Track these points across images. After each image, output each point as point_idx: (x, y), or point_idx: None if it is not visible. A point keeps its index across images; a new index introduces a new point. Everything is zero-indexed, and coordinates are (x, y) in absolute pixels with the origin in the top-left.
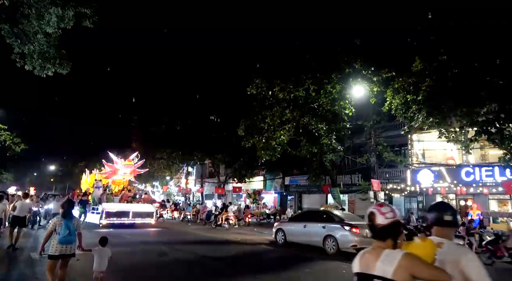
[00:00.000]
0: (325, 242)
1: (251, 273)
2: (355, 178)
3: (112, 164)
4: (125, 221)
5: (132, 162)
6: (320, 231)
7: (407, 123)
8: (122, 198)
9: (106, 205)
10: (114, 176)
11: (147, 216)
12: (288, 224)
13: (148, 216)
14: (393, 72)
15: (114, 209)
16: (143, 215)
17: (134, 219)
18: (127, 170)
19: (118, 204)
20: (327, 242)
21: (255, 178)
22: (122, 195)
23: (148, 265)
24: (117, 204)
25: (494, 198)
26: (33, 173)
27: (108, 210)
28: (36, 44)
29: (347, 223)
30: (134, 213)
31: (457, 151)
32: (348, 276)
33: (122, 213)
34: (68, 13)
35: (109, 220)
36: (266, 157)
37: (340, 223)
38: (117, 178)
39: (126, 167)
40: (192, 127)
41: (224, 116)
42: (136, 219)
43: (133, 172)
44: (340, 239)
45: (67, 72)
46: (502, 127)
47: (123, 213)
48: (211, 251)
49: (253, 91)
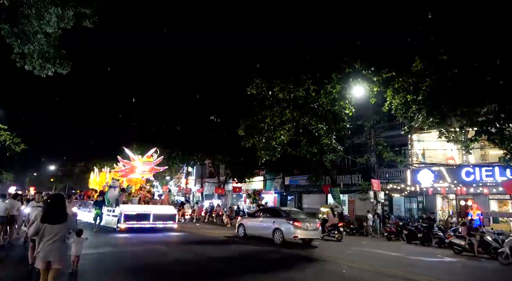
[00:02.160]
0: (274, 234)
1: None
2: (355, 178)
3: (129, 161)
4: (145, 225)
5: (151, 159)
6: (271, 225)
7: (407, 123)
8: (140, 199)
9: (125, 207)
10: (131, 174)
11: (169, 218)
12: (247, 220)
13: (170, 219)
14: (393, 72)
15: (134, 212)
16: (165, 217)
17: (155, 222)
18: (145, 168)
19: (137, 205)
20: (275, 234)
21: (255, 178)
22: (140, 196)
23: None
24: (136, 205)
25: (494, 198)
26: (33, 173)
27: (127, 212)
28: (36, 44)
29: (291, 218)
30: (155, 215)
31: (457, 151)
32: (349, 276)
33: (142, 216)
34: (68, 13)
35: (128, 223)
36: (266, 157)
37: (286, 218)
38: (135, 176)
39: (144, 164)
40: (192, 127)
41: (224, 116)
42: (157, 223)
43: (152, 170)
44: (285, 232)
45: (67, 72)
46: (502, 127)
47: (143, 216)
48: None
49: (253, 91)
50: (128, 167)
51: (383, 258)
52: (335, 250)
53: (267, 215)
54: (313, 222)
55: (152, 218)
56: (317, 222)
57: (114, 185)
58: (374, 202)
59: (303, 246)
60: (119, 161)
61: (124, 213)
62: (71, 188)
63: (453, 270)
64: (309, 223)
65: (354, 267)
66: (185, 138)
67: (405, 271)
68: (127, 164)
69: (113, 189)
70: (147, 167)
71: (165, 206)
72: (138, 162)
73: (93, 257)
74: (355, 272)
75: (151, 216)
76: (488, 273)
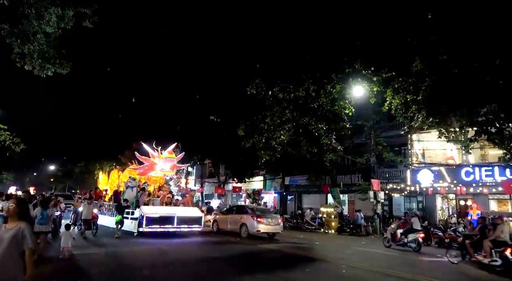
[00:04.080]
0: (241, 229)
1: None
2: (355, 178)
3: (148, 157)
4: (169, 229)
5: (173, 155)
6: (238, 221)
7: (407, 123)
8: (161, 200)
9: (146, 209)
10: (150, 172)
11: (195, 222)
12: (220, 217)
13: (196, 222)
14: (393, 72)
15: (157, 214)
16: (190, 221)
17: (180, 226)
18: (166, 165)
19: (160, 207)
20: (242, 229)
21: (255, 178)
22: (161, 197)
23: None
24: (158, 207)
25: (494, 198)
26: (32, 173)
27: (149, 215)
28: (36, 44)
29: (255, 215)
30: (180, 218)
31: (457, 151)
32: (348, 274)
33: (166, 218)
34: (68, 13)
35: (150, 227)
36: (266, 157)
37: (251, 215)
38: (156, 174)
39: (166, 161)
40: (192, 127)
41: (224, 116)
42: (182, 226)
43: (174, 167)
44: (249, 226)
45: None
46: (502, 127)
47: (166, 219)
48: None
49: (253, 91)
50: (147, 164)
51: (383, 258)
52: (334, 250)
53: (236, 212)
54: (275, 218)
55: (176, 221)
56: (279, 218)
57: (131, 184)
58: (374, 202)
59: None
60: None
61: (146, 215)
62: (71, 188)
63: (452, 270)
64: (271, 219)
65: (354, 267)
66: (185, 138)
67: (404, 271)
68: (145, 161)
69: (131, 189)
70: (169, 164)
71: (189, 207)
72: (158, 158)
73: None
74: (355, 272)
75: (175, 219)
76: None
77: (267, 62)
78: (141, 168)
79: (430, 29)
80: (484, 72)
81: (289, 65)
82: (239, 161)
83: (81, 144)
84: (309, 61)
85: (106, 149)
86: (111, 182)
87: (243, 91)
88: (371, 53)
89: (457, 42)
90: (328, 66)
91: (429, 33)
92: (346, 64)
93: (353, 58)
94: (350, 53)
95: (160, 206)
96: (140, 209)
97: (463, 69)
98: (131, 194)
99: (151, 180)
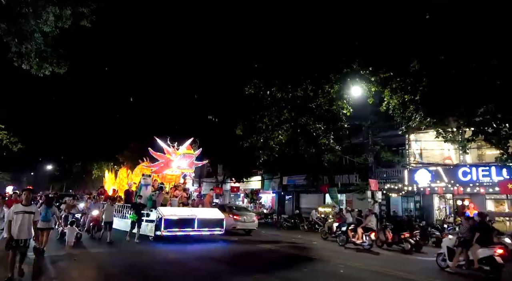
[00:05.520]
0: None
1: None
2: (353, 178)
3: (163, 154)
4: (189, 233)
5: (192, 151)
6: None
7: (405, 123)
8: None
9: (164, 210)
10: (166, 169)
11: (216, 224)
12: None
13: (217, 225)
14: (391, 72)
15: (176, 216)
16: (211, 223)
17: (201, 229)
18: (183, 162)
19: (178, 208)
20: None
21: (253, 178)
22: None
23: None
24: (177, 208)
25: (491, 198)
26: (30, 173)
27: (168, 217)
28: (33, 43)
29: (232, 213)
30: (200, 221)
31: (454, 151)
32: (347, 274)
33: (186, 221)
34: (66, 12)
35: (169, 231)
36: (264, 157)
37: (228, 212)
38: (173, 172)
39: (183, 157)
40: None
41: (222, 115)
42: (202, 230)
43: (192, 165)
44: (227, 223)
45: (65, 71)
46: (499, 127)
47: (186, 222)
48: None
49: (251, 91)
50: (162, 161)
51: (379, 258)
52: (331, 249)
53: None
54: (250, 216)
55: (197, 224)
56: (254, 216)
57: (146, 182)
58: (371, 201)
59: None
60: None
61: (165, 217)
62: (69, 188)
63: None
64: (247, 217)
65: (351, 267)
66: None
67: (400, 270)
68: (160, 158)
69: (145, 188)
70: (186, 161)
71: (210, 208)
72: (175, 155)
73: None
74: (352, 271)
75: (195, 221)
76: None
77: (265, 62)
78: (156, 165)
79: (428, 29)
80: (481, 73)
81: (287, 65)
82: (238, 160)
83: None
84: (307, 61)
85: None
86: (119, 181)
87: (241, 90)
88: (369, 53)
89: (455, 42)
90: (326, 66)
91: (427, 33)
92: (344, 64)
93: (351, 58)
94: (348, 53)
95: (178, 207)
96: (158, 210)
97: (460, 69)
98: (145, 193)
99: (165, 179)
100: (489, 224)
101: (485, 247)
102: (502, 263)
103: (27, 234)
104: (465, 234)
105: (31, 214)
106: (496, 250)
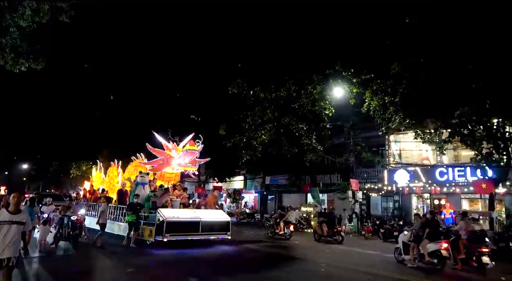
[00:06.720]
0: None
1: None
2: (334, 177)
3: (163, 150)
4: (194, 237)
5: (195, 147)
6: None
7: (385, 124)
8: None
9: (166, 213)
10: (166, 167)
11: (222, 228)
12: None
13: (224, 229)
14: (372, 74)
15: (178, 219)
16: (217, 227)
17: (206, 233)
18: (185, 159)
19: (181, 210)
20: None
21: (235, 178)
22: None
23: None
24: (179, 210)
25: (466, 197)
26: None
27: (171, 219)
28: (8, 38)
29: None
30: (205, 224)
31: (432, 151)
32: (326, 274)
33: (190, 224)
34: (44, 7)
35: (172, 235)
36: (247, 157)
37: None
38: (174, 170)
39: (186, 154)
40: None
41: (205, 115)
42: (208, 234)
43: (195, 162)
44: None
45: (42, 67)
46: (474, 129)
47: (190, 225)
48: None
49: (234, 91)
50: (161, 158)
51: (360, 256)
52: (313, 249)
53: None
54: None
55: (202, 228)
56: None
57: (143, 181)
58: (352, 201)
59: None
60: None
61: (168, 220)
62: (45, 188)
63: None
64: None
65: (331, 265)
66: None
67: (379, 268)
68: (159, 154)
69: (142, 187)
70: (188, 158)
71: (215, 210)
72: (176, 151)
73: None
74: (332, 270)
75: (200, 224)
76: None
77: (249, 62)
78: (154, 162)
79: (408, 33)
80: (458, 76)
81: (271, 65)
82: (220, 160)
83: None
84: (290, 62)
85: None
86: (109, 180)
87: (225, 90)
88: (351, 55)
89: (434, 47)
90: (309, 67)
91: (407, 37)
92: (327, 65)
93: (333, 59)
94: (331, 55)
95: (180, 209)
96: (159, 212)
97: (438, 72)
98: (142, 193)
99: (164, 178)
100: (438, 221)
101: (433, 242)
102: (447, 256)
103: (12, 251)
104: (418, 230)
105: (20, 224)
106: (442, 245)
